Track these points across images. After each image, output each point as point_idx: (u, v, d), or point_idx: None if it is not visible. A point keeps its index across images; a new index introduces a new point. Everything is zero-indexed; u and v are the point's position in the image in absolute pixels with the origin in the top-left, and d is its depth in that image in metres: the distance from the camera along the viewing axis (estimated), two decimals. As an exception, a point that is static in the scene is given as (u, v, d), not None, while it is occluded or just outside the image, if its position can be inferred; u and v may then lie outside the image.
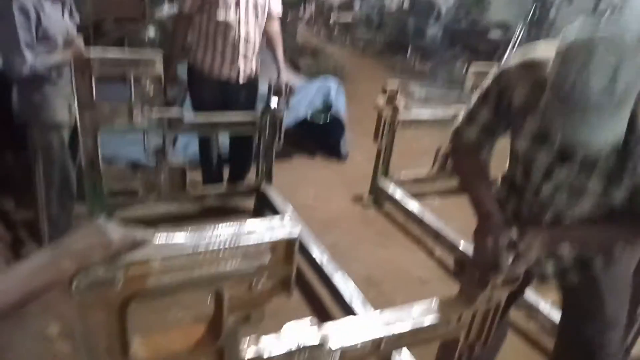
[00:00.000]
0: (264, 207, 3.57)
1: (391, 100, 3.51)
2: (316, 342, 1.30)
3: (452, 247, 3.18)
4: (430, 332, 1.52)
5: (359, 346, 1.39)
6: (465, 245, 3.07)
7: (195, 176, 3.51)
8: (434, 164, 4.04)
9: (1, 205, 2.79)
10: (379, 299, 2.81)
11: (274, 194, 3.48)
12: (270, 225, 1.11)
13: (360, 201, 3.95)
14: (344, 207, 3.87)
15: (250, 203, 3.67)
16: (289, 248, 1.11)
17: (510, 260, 1.47)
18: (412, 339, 1.50)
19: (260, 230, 1.09)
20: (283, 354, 1.26)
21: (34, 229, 2.74)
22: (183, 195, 3.25)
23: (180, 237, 1.02)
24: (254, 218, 3.58)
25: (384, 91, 3.50)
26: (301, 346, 1.28)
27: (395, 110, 3.53)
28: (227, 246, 1.03)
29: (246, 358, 1.21)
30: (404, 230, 3.61)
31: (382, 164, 3.78)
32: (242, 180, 3.68)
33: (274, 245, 1.09)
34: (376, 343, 1.42)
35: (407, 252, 3.35)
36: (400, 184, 3.85)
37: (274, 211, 3.41)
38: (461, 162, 1.75)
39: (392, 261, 3.22)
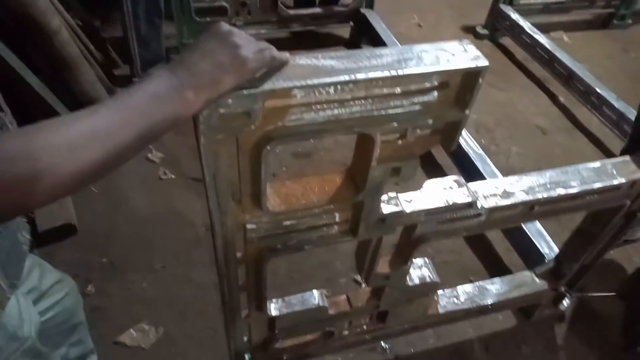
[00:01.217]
0: (362, 36, 3.16)
1: None
2: (466, 200, 1.08)
3: (583, 93, 2.70)
4: (594, 198, 1.25)
5: (510, 207, 1.16)
6: (602, 92, 2.58)
7: (285, -2, 3.09)
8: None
9: (90, 24, 2.61)
10: (491, 148, 2.53)
11: (375, 20, 3.02)
12: (445, 50, 0.80)
13: (472, 32, 3.39)
14: (453, 39, 3.34)
15: (345, 31, 3.25)
16: (468, 83, 0.81)
17: None
18: (571, 204, 1.24)
19: (431, 57, 0.78)
20: (428, 210, 1.06)
21: (124, 49, 2.58)
22: (273, 16, 2.89)
23: (327, 61, 0.75)
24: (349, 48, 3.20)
25: None
26: (450, 203, 1.07)
27: None
28: (387, 75, 0.74)
29: (386, 213, 1.02)
30: (524, 69, 3.10)
31: (508, -15, 3.10)
32: (337, 2, 3.21)
33: (447, 78, 0.80)
34: (529, 205, 1.19)
35: (527, 96, 2.91)
36: (525, 12, 3.20)
37: (374, 40, 3.00)
38: None
39: (508, 105, 2.82)
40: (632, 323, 1.79)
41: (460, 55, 0.79)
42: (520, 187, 1.16)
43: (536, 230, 1.82)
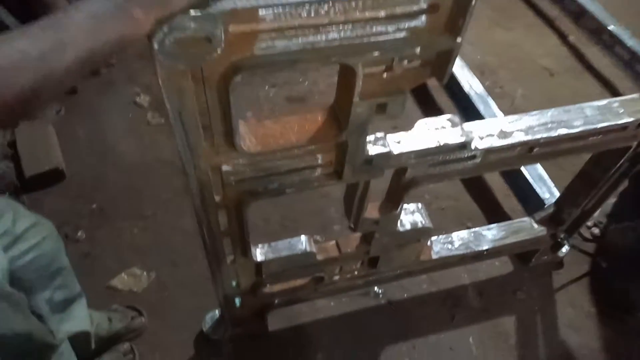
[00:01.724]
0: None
1: None
2: (459, 140, 1.01)
3: (594, 31, 2.54)
4: (598, 139, 1.18)
5: (507, 148, 1.09)
6: (615, 30, 2.43)
7: None
8: None
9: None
10: (496, 91, 2.42)
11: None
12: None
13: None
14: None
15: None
16: (461, 4, 0.72)
17: None
18: (574, 145, 1.17)
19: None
20: (418, 151, 0.99)
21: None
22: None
23: (300, -21, 0.66)
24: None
25: None
26: (441, 143, 1.00)
27: None
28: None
29: (373, 154, 0.95)
30: (532, 6, 2.92)
31: None
32: None
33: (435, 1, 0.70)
34: (528, 146, 1.11)
35: (534, 36, 2.75)
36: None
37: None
38: None
39: (514, 46, 2.68)
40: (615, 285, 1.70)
41: (451, -28, 0.69)
42: (519, 127, 1.08)
43: (537, 175, 1.76)
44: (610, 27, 2.45)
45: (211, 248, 1.08)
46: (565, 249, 1.72)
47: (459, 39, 0.76)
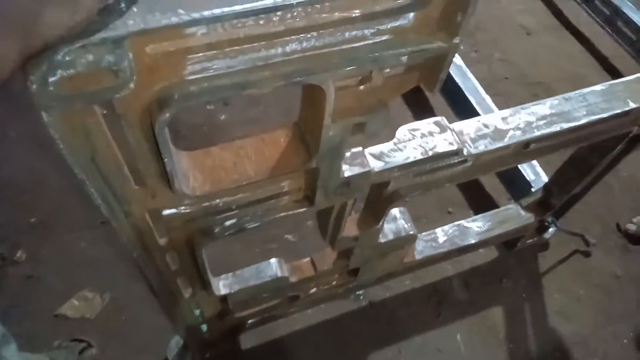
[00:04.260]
0: None
1: None
2: (450, 148, 0.85)
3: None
4: (600, 128, 1.04)
5: (502, 148, 0.94)
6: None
7: None
8: None
9: None
10: (472, 55, 2.26)
11: None
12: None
13: None
14: None
15: None
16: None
17: None
18: (573, 136, 1.03)
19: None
20: (403, 165, 0.83)
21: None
22: None
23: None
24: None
25: None
26: (429, 154, 0.84)
27: None
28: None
29: (350, 176, 0.78)
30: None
31: None
32: None
33: (426, -7, 0.53)
34: (523, 143, 0.97)
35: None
36: None
37: None
38: None
39: (489, 3, 2.50)
40: None
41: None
42: (516, 124, 0.93)
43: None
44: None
45: (160, 289, 0.91)
46: (551, 230, 1.62)
47: (456, 39, 0.59)
